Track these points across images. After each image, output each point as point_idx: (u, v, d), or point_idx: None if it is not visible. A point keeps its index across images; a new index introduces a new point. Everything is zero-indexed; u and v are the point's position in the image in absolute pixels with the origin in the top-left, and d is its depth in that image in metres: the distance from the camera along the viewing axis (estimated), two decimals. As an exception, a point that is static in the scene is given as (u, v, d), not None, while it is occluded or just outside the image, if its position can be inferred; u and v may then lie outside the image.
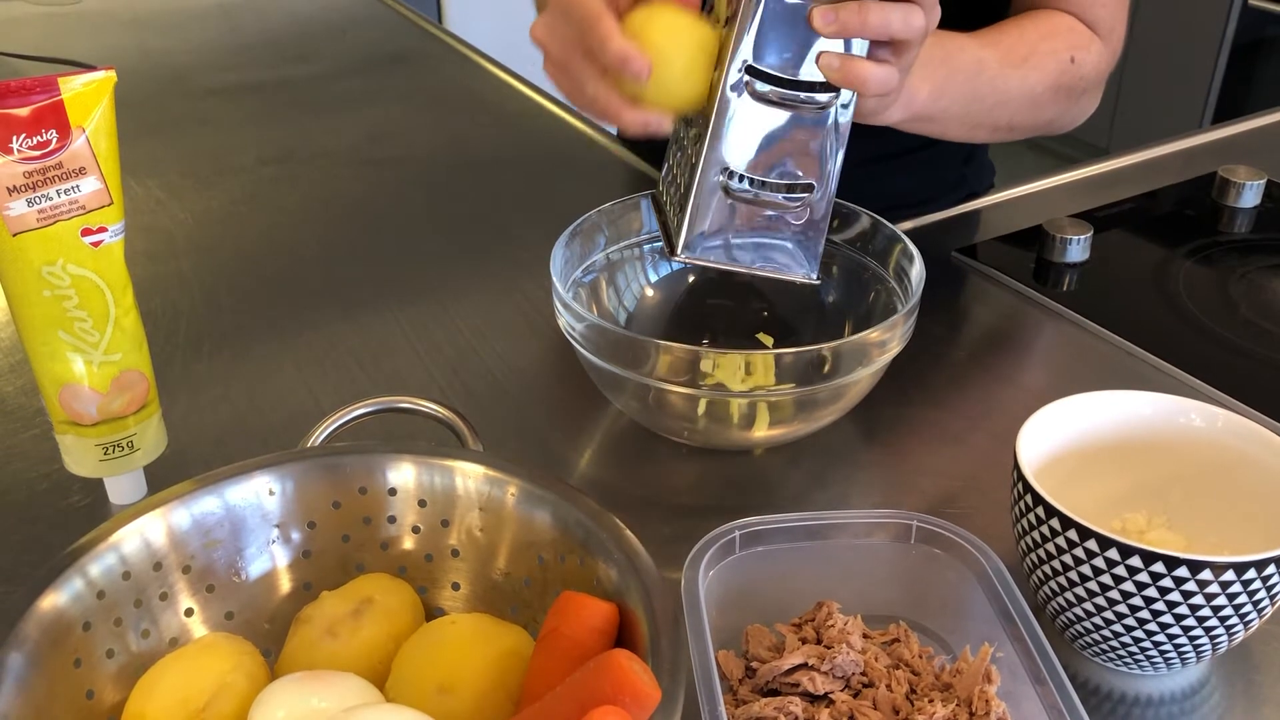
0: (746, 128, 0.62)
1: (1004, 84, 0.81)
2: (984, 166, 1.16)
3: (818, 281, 0.67)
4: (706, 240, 0.65)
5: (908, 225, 0.99)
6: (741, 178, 0.63)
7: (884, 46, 0.63)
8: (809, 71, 0.62)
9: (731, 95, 0.61)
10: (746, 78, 0.61)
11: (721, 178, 0.63)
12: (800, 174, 0.64)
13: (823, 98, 0.62)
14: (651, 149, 1.14)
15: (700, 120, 0.64)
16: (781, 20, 0.60)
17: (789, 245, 0.66)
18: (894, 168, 1.04)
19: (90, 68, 0.59)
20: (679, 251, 0.65)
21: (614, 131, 1.25)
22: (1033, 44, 0.83)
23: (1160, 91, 2.93)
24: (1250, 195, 1.03)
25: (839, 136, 0.64)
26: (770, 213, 0.65)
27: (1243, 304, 0.89)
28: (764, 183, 0.64)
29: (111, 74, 0.59)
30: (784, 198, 0.64)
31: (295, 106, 1.29)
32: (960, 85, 0.78)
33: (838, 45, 0.61)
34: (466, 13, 2.87)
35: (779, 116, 0.62)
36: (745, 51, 0.61)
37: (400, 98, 1.31)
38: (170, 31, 1.51)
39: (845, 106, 0.63)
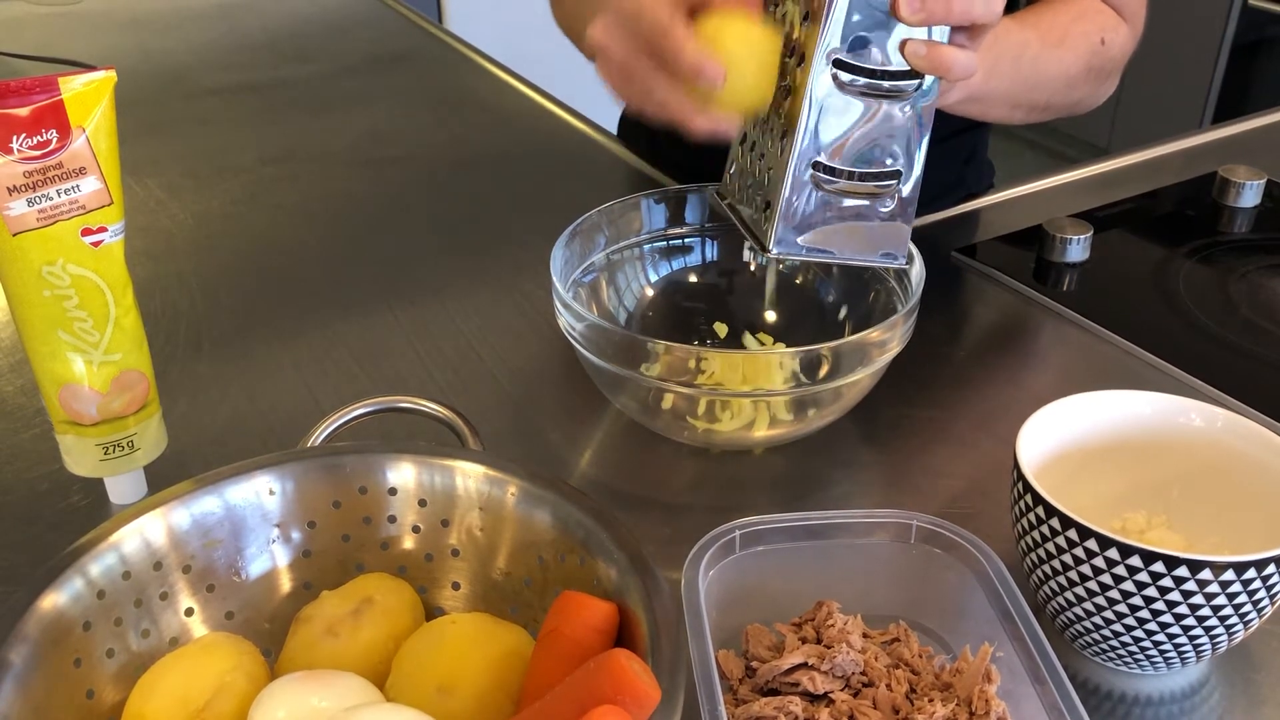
0: (834, 120, 0.63)
1: (1044, 64, 0.83)
2: (984, 166, 1.16)
3: (908, 266, 0.69)
4: (798, 234, 0.65)
5: (908, 225, 0.99)
6: (830, 169, 0.64)
7: (961, 32, 0.63)
8: (893, 60, 0.62)
9: (818, 88, 0.62)
10: (833, 70, 0.62)
11: (811, 171, 0.64)
12: (887, 161, 0.65)
13: (907, 85, 0.63)
14: (652, 149, 1.14)
15: (777, 116, 0.65)
16: (864, 11, 0.61)
17: (878, 233, 0.67)
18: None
19: (90, 68, 0.59)
20: (771, 248, 0.65)
21: (614, 131, 1.25)
22: (1066, 26, 0.85)
23: (1160, 91, 2.93)
24: (1250, 195, 1.03)
25: (923, 122, 0.65)
26: (859, 202, 0.65)
27: (1243, 304, 0.89)
28: (852, 173, 0.65)
29: (111, 74, 0.59)
30: (872, 186, 0.65)
31: (295, 106, 1.29)
32: (1007, 66, 0.79)
33: (919, 33, 0.62)
34: (466, 13, 2.87)
35: (864, 106, 0.63)
36: (830, 44, 0.61)
37: (400, 98, 1.31)
38: (170, 31, 1.51)
39: (926, 92, 0.64)
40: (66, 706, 0.47)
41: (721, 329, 0.80)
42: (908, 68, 0.62)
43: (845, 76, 0.62)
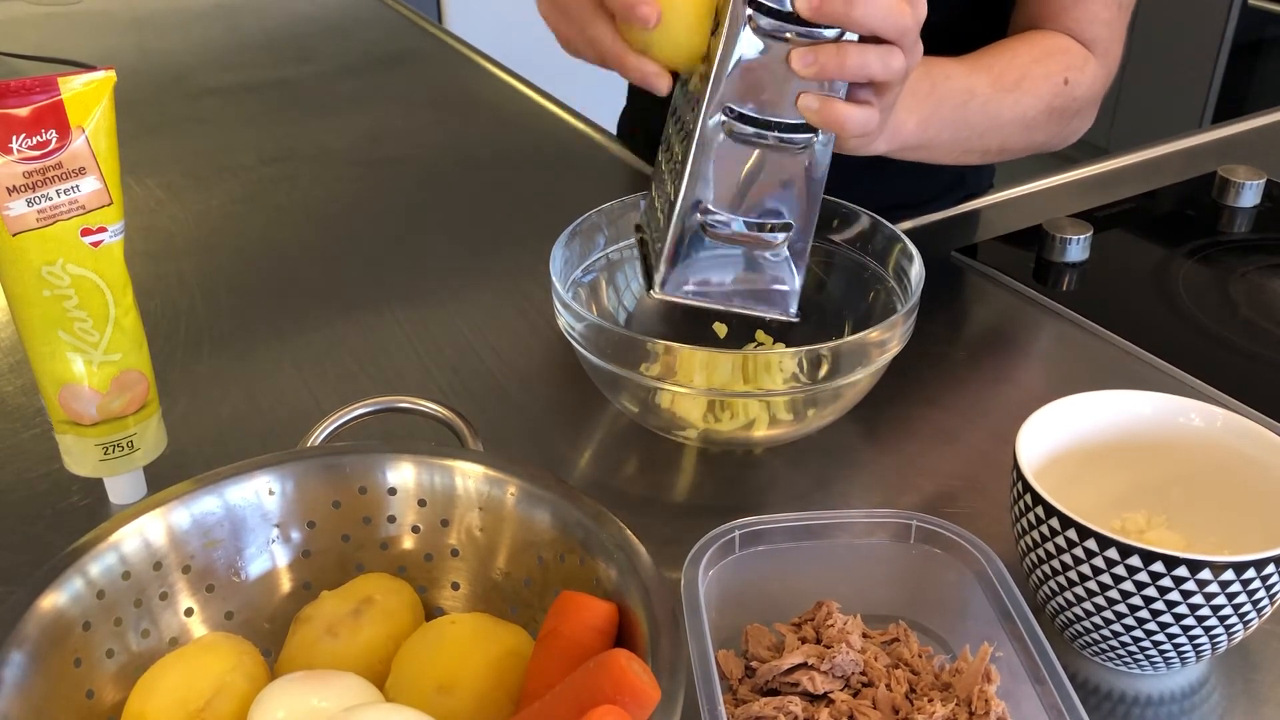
0: (725, 166, 0.62)
1: (995, 109, 0.80)
2: (984, 167, 1.15)
3: (797, 319, 0.67)
4: (684, 277, 0.64)
5: (907, 225, 0.99)
6: (718, 216, 0.63)
7: (865, 87, 0.62)
8: (788, 111, 0.61)
9: (710, 134, 0.61)
10: (724, 118, 0.61)
11: (699, 216, 0.63)
12: (779, 213, 0.63)
13: (801, 138, 0.62)
14: (651, 149, 1.14)
15: (677, 159, 0.64)
16: (760, 61, 0.59)
17: (768, 283, 0.65)
18: (894, 168, 1.03)
19: (90, 68, 0.59)
20: (656, 289, 0.64)
21: (614, 131, 1.25)
22: (1025, 67, 0.82)
23: (1160, 91, 2.93)
24: (1250, 195, 1.03)
25: (818, 176, 0.63)
26: (749, 251, 0.64)
27: (1243, 304, 0.89)
28: (742, 221, 0.63)
29: (111, 74, 0.59)
30: (763, 236, 0.64)
31: (295, 106, 1.29)
32: (949, 114, 0.77)
33: (817, 86, 0.61)
34: (466, 13, 2.87)
35: (757, 155, 0.62)
36: (723, 92, 0.60)
37: (400, 98, 1.31)
38: (170, 31, 1.51)
39: (825, 145, 0.62)
40: (66, 706, 0.47)
41: (721, 329, 0.80)
42: (802, 120, 0.61)
43: (737, 126, 0.61)
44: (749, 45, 0.59)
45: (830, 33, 0.59)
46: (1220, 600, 0.52)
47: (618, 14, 0.62)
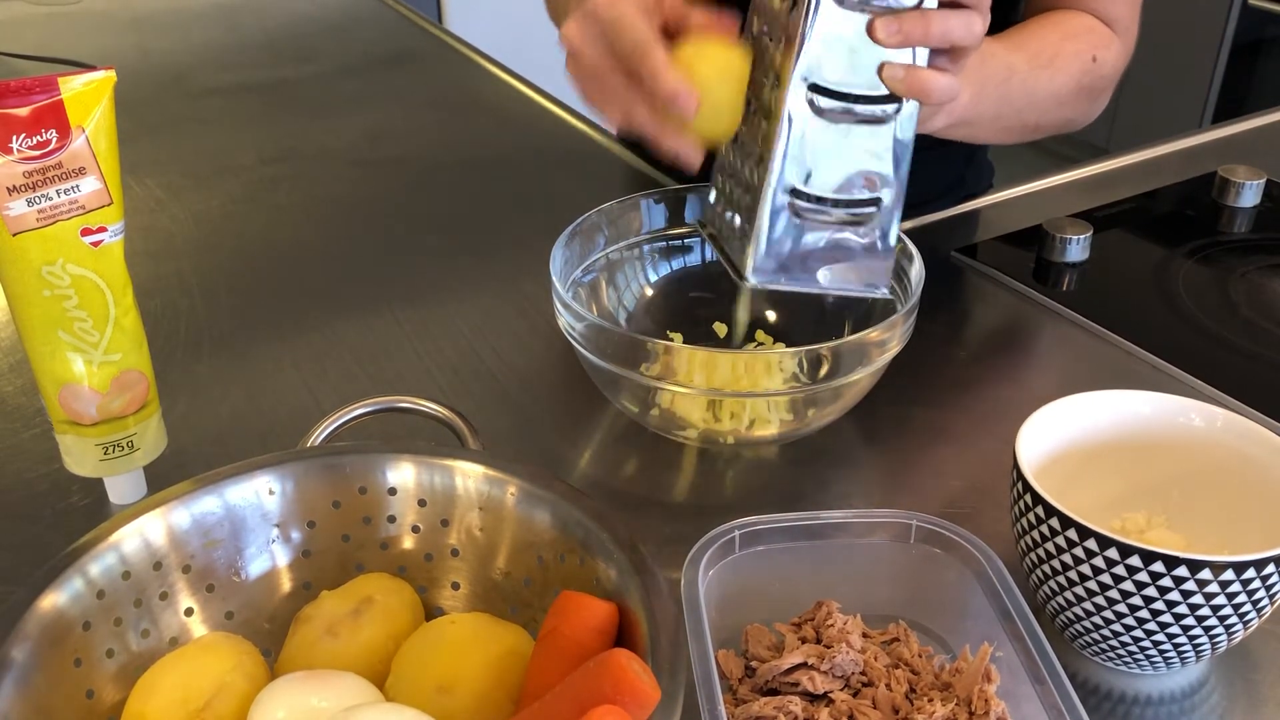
0: (810, 146, 0.61)
1: (1034, 86, 0.82)
2: (984, 167, 1.15)
3: (890, 296, 0.67)
4: (775, 263, 0.64)
5: (908, 225, 0.99)
6: (807, 197, 0.62)
7: (942, 55, 0.62)
8: (870, 84, 0.61)
9: (793, 113, 0.60)
10: (808, 94, 0.60)
11: (787, 198, 0.62)
12: (866, 189, 0.63)
13: (886, 109, 0.61)
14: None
15: (754, 142, 0.63)
16: (840, 34, 0.59)
17: (860, 261, 0.64)
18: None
19: (90, 68, 0.59)
20: (750, 277, 0.64)
21: (614, 131, 1.25)
22: (1056, 45, 0.84)
23: (1160, 91, 2.93)
24: (1250, 195, 1.03)
25: (904, 148, 0.63)
26: (838, 230, 0.63)
27: (1243, 304, 0.89)
28: (831, 200, 0.63)
29: (111, 74, 0.59)
30: (851, 214, 0.63)
31: (295, 106, 1.29)
32: (994, 90, 0.78)
33: (898, 55, 0.60)
34: (466, 13, 2.87)
35: (842, 132, 0.61)
36: (805, 68, 0.59)
37: (400, 98, 1.31)
38: (170, 31, 1.51)
39: (909, 117, 0.62)
40: (66, 706, 0.47)
41: (721, 329, 0.80)
42: (886, 92, 0.61)
43: (821, 101, 0.60)
44: (829, 18, 0.59)
45: (909, 1, 0.59)
46: (1220, 600, 0.52)
47: (659, 102, 0.62)
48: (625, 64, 0.63)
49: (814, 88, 0.60)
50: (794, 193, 0.62)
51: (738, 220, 0.66)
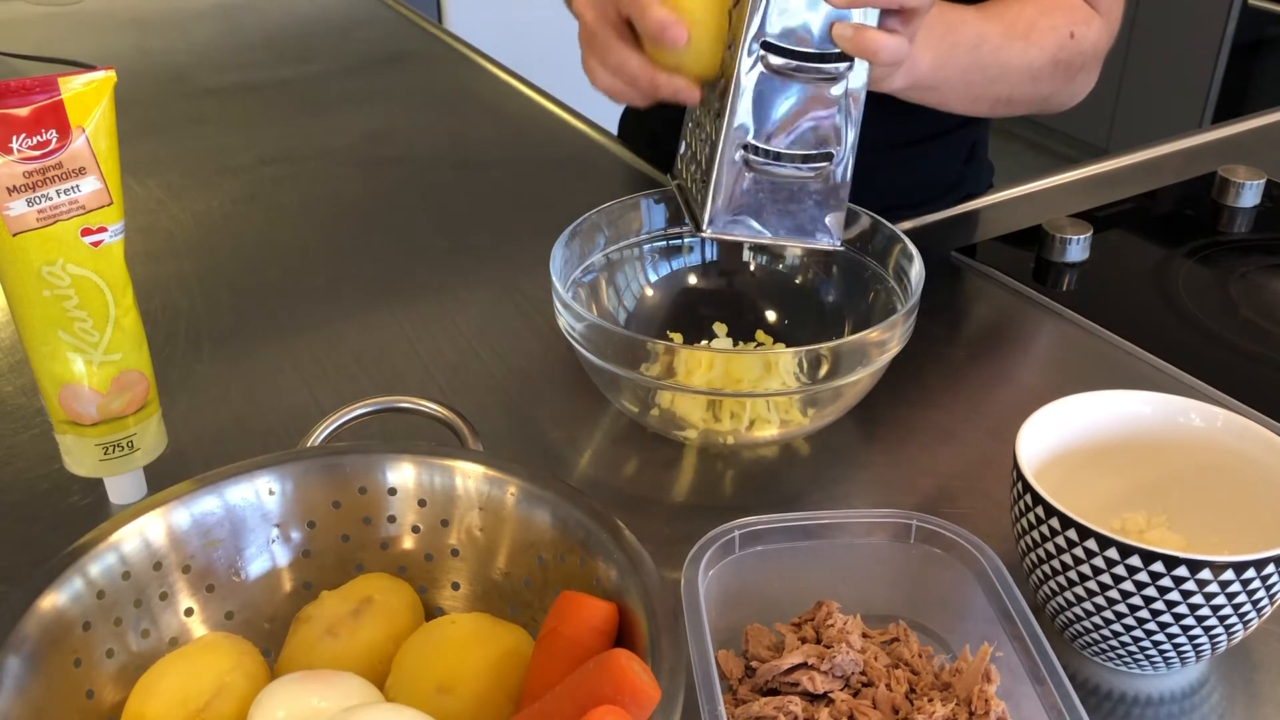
0: (763, 101, 0.64)
1: (1005, 57, 0.82)
2: (983, 166, 1.16)
3: (841, 248, 0.70)
4: (730, 215, 0.67)
5: (907, 225, 0.99)
6: (761, 150, 0.65)
7: (893, 16, 0.65)
8: (821, 42, 0.63)
9: (747, 69, 0.63)
10: (761, 51, 0.63)
11: (741, 151, 0.65)
12: (818, 143, 0.66)
13: (835, 68, 0.64)
14: (652, 149, 1.14)
15: (717, 97, 0.66)
16: None
17: (812, 214, 0.68)
18: (893, 161, 1.03)
19: (90, 68, 0.59)
20: (704, 228, 0.67)
21: (614, 131, 1.25)
22: (1033, 19, 0.84)
23: (1160, 91, 2.93)
24: (1250, 195, 1.03)
25: (854, 105, 0.66)
26: (791, 183, 0.66)
27: (1243, 304, 0.89)
28: (783, 154, 0.66)
29: (111, 74, 0.59)
30: (804, 167, 0.66)
31: (295, 106, 1.29)
32: (962, 57, 0.80)
33: (848, 15, 0.63)
34: (466, 13, 2.87)
35: (794, 88, 0.64)
36: (758, 25, 0.62)
37: (400, 98, 1.31)
38: (170, 31, 1.51)
39: (859, 75, 0.65)
40: (66, 706, 0.47)
41: (721, 329, 0.80)
42: (838, 50, 0.64)
43: (774, 59, 0.63)
44: None
45: None
46: (1220, 600, 0.52)
47: (649, 39, 0.65)
48: (618, 15, 0.66)
49: (767, 45, 0.63)
50: (748, 147, 0.65)
51: (698, 174, 0.69)
